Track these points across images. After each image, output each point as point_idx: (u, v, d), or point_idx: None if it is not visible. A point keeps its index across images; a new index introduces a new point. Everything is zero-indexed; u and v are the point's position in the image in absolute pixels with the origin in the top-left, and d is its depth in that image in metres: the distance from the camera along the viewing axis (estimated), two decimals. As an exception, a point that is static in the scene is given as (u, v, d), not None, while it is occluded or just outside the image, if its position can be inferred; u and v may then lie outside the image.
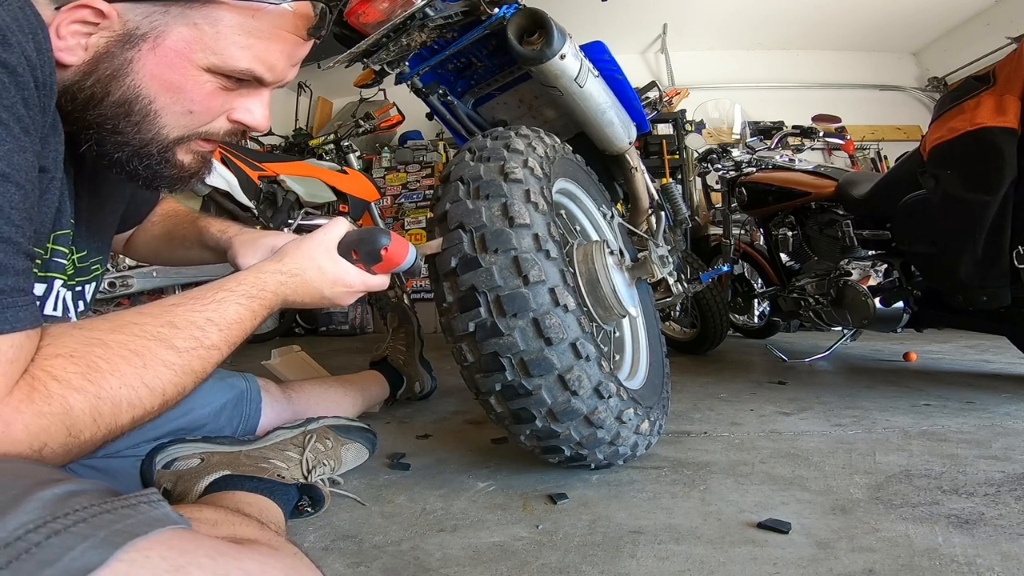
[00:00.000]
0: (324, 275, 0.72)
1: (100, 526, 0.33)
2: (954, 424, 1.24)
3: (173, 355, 0.51)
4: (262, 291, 0.64)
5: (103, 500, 0.35)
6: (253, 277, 0.65)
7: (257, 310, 0.63)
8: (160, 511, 0.37)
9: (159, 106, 0.57)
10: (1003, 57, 1.34)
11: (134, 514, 0.35)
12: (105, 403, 0.46)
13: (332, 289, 0.73)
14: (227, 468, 0.80)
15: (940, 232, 1.44)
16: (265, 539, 0.50)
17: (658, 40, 4.66)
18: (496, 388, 0.86)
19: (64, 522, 0.32)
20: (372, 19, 1.21)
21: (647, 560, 0.69)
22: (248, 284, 0.64)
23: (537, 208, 0.86)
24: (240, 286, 0.62)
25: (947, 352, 2.36)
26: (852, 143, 2.77)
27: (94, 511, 0.34)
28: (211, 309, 0.57)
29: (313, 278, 0.71)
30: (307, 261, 0.71)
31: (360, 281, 0.76)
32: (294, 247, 0.72)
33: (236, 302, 0.60)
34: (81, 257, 0.71)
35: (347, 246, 0.75)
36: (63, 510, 0.33)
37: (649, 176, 1.80)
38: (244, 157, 2.09)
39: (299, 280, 0.70)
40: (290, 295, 0.69)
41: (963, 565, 0.64)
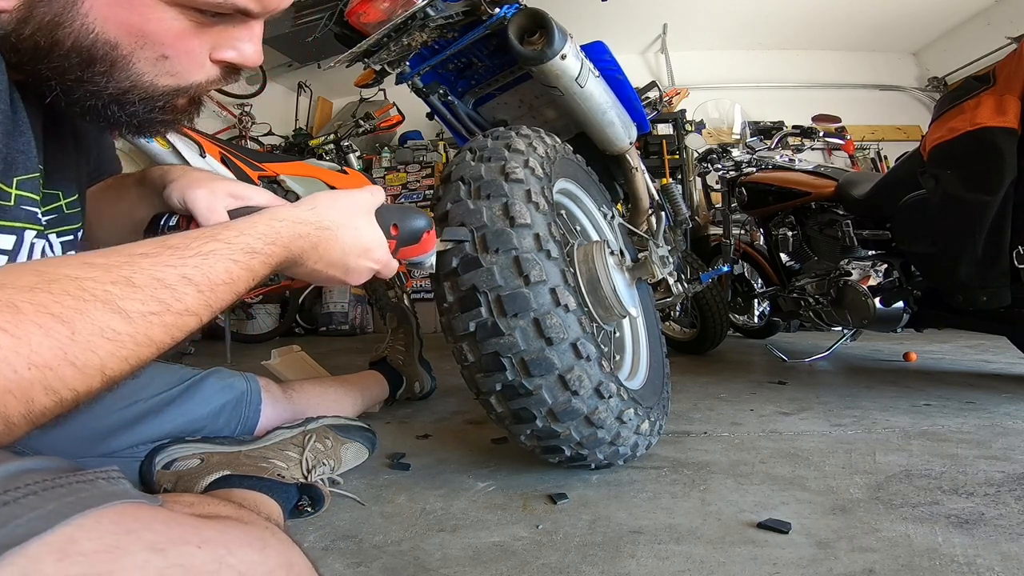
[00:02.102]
0: (358, 239, 0.61)
1: (51, 498, 0.32)
2: (954, 424, 1.24)
3: (120, 322, 0.39)
4: (271, 244, 0.52)
5: (58, 475, 0.34)
6: (265, 224, 0.53)
7: (257, 269, 0.50)
8: (118, 487, 0.36)
9: (126, 52, 0.49)
10: (1003, 57, 1.34)
11: (90, 488, 0.34)
12: (10, 385, 0.34)
13: (358, 259, 0.62)
14: (227, 468, 0.80)
15: (940, 232, 1.44)
16: (236, 515, 0.48)
17: (658, 40, 4.66)
18: (496, 388, 0.86)
19: (14, 495, 0.31)
20: (373, 19, 1.21)
21: (647, 560, 0.69)
22: (254, 234, 0.51)
23: (538, 208, 0.86)
24: (242, 236, 0.50)
25: (947, 352, 2.36)
26: (852, 143, 2.77)
27: (46, 484, 0.33)
28: (192, 264, 0.45)
29: (345, 239, 0.60)
30: (346, 217, 0.60)
31: (386, 260, 0.66)
32: (331, 196, 0.61)
33: (231, 258, 0.48)
34: (69, 203, 0.64)
35: (388, 217, 0.66)
36: (14, 484, 0.32)
37: (649, 176, 1.80)
38: (244, 157, 2.09)
39: (328, 236, 0.58)
40: (307, 251, 0.57)
41: (963, 565, 0.64)
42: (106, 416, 0.80)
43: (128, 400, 0.82)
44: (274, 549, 0.41)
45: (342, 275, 0.63)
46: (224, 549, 0.37)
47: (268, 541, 0.42)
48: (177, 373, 0.91)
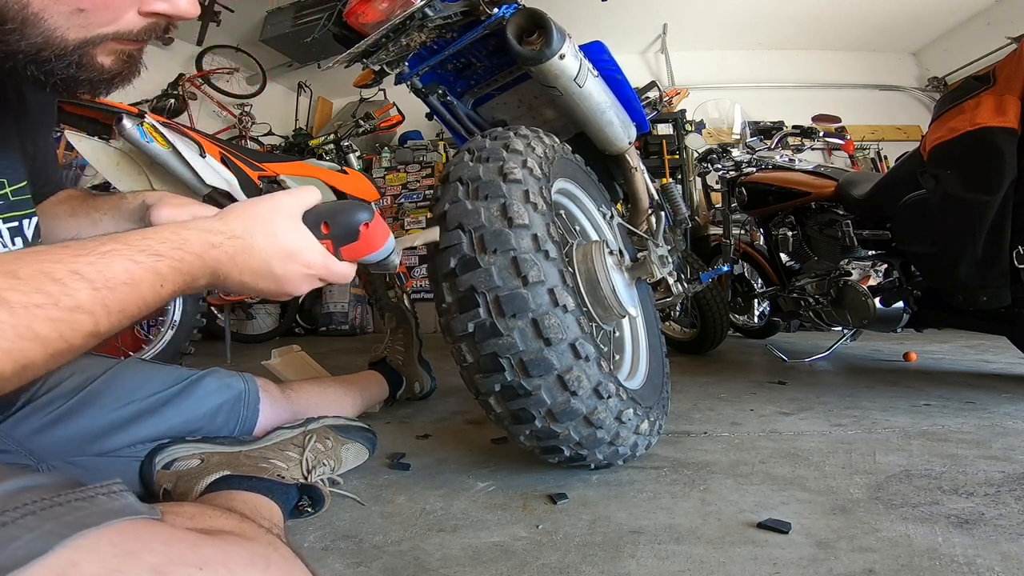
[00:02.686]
0: (277, 244, 0.56)
1: (49, 518, 0.32)
2: (954, 424, 1.24)
3: None
4: (178, 249, 0.49)
5: (57, 493, 0.34)
6: (170, 232, 0.51)
7: (165, 274, 0.48)
8: (119, 502, 0.36)
9: (37, 8, 0.47)
10: (1003, 57, 1.34)
11: (88, 506, 0.34)
12: None
13: (285, 265, 0.57)
14: (227, 468, 0.80)
15: (940, 232, 1.43)
16: (240, 530, 0.48)
17: (658, 40, 4.66)
18: (495, 388, 0.86)
19: (12, 515, 0.31)
20: (371, 19, 1.21)
21: (647, 560, 0.69)
22: (158, 239, 0.49)
23: (536, 208, 0.86)
24: (145, 240, 0.48)
25: (947, 352, 2.36)
26: (852, 143, 2.77)
27: (44, 504, 0.33)
28: (85, 261, 0.43)
29: (262, 245, 0.56)
30: (258, 223, 0.56)
31: (323, 263, 0.60)
32: (244, 205, 0.58)
33: (130, 258, 0.46)
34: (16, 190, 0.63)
35: (317, 216, 0.61)
36: (13, 504, 0.32)
37: (649, 176, 1.80)
38: (244, 157, 2.09)
39: (241, 245, 0.54)
40: (224, 263, 0.53)
41: (963, 565, 0.64)
42: (102, 416, 0.80)
43: (125, 400, 0.82)
44: (277, 568, 0.42)
45: (275, 285, 0.58)
46: (225, 569, 0.37)
47: (271, 558, 0.42)
48: (174, 373, 0.91)
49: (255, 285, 0.57)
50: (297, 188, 0.61)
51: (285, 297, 0.60)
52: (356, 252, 0.63)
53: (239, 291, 0.59)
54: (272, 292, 0.59)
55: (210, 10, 3.89)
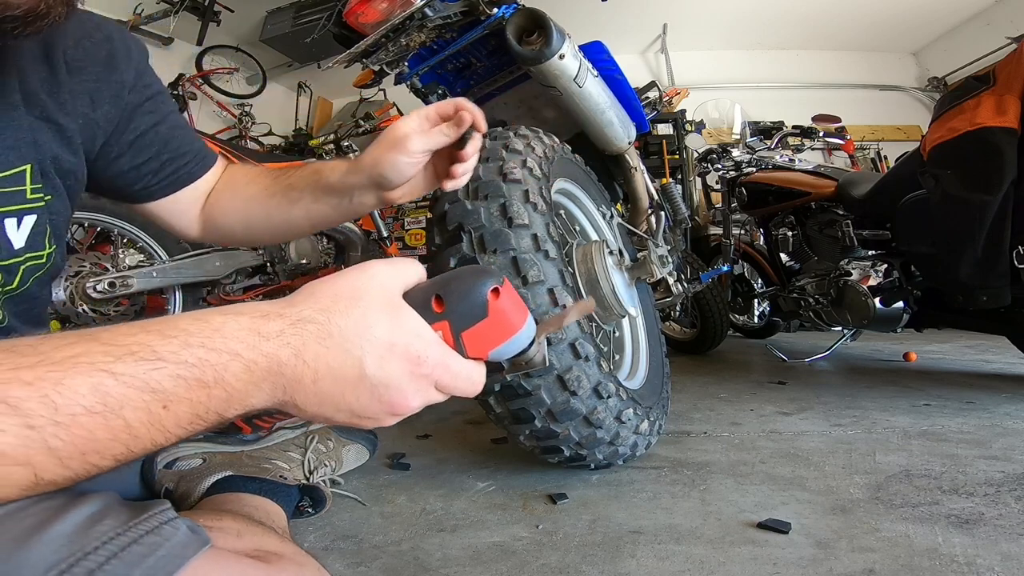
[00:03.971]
0: (371, 331, 0.37)
1: (133, 563, 0.31)
2: (954, 424, 1.24)
3: None
4: (200, 347, 0.33)
5: (125, 525, 0.33)
6: (192, 319, 0.35)
7: (169, 391, 0.32)
8: (182, 532, 0.35)
9: None
10: (1003, 57, 1.34)
11: (161, 540, 0.34)
12: None
13: (384, 363, 0.37)
14: (229, 468, 0.80)
15: (940, 232, 1.43)
16: (290, 553, 0.48)
17: (658, 40, 4.66)
18: (495, 388, 0.86)
19: (96, 558, 0.30)
20: (371, 19, 1.21)
21: (647, 560, 0.69)
22: (163, 330, 0.33)
23: (536, 208, 0.86)
24: (138, 335, 0.33)
25: (947, 352, 2.36)
26: (852, 143, 2.77)
27: (121, 542, 0.32)
28: (22, 380, 0.29)
29: (347, 332, 0.37)
30: (341, 302, 0.38)
31: (441, 358, 0.39)
32: (317, 284, 0.40)
33: (104, 368, 0.31)
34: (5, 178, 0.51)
35: (424, 292, 0.41)
36: (90, 543, 0.31)
37: (649, 176, 1.80)
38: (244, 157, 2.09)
39: (314, 331, 0.36)
40: (289, 363, 0.35)
41: (963, 565, 0.64)
42: None
43: None
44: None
45: (369, 398, 0.38)
46: None
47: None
48: None
49: (340, 399, 0.37)
50: (394, 259, 0.43)
51: (389, 421, 0.40)
52: (485, 339, 0.41)
53: (317, 412, 0.38)
54: (367, 410, 0.39)
55: (210, 10, 3.90)
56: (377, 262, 0.42)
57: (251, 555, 0.42)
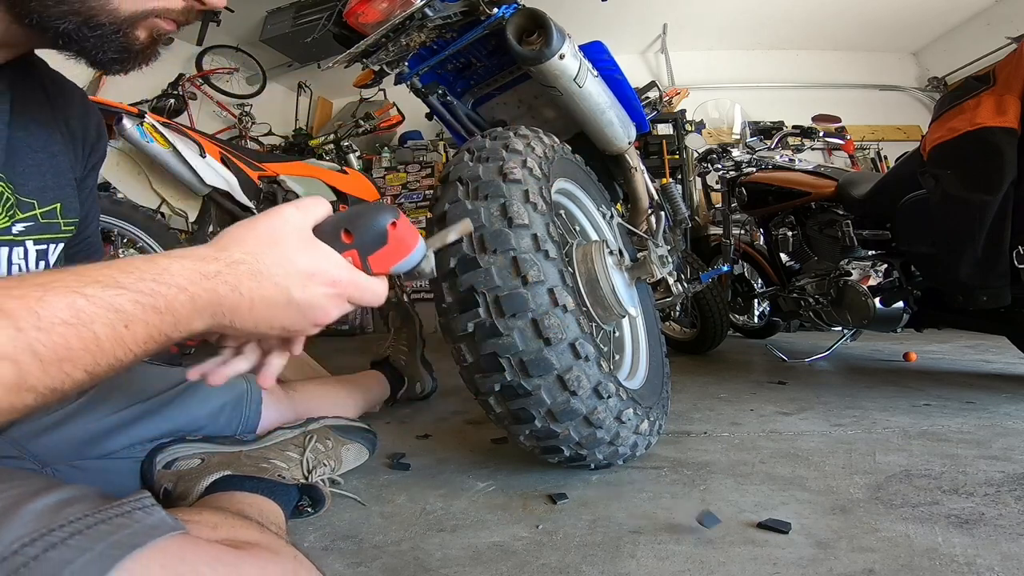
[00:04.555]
0: (292, 265, 0.47)
1: (97, 538, 0.32)
2: (954, 424, 1.24)
3: None
4: (152, 281, 0.40)
5: (96, 508, 0.35)
6: (144, 260, 0.42)
7: (130, 312, 0.39)
8: (155, 517, 0.36)
9: None
10: (1003, 57, 1.34)
11: (129, 523, 0.35)
12: None
13: (306, 289, 0.47)
14: (228, 468, 0.80)
15: (940, 232, 1.43)
16: (265, 542, 0.49)
17: (658, 40, 4.66)
18: (495, 388, 0.86)
19: (60, 534, 0.32)
20: (371, 19, 1.21)
21: (647, 560, 0.69)
22: (124, 268, 0.40)
23: (536, 208, 0.86)
24: (103, 270, 0.40)
25: (947, 352, 2.36)
26: (852, 143, 2.77)
27: (89, 521, 0.33)
28: (11, 295, 0.35)
29: (273, 269, 0.46)
30: (263, 244, 0.46)
31: (350, 278, 0.50)
32: (239, 227, 0.48)
33: (77, 291, 0.37)
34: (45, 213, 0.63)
35: (334, 225, 0.51)
36: (57, 521, 0.32)
37: (649, 176, 1.80)
38: (244, 157, 2.09)
39: (247, 270, 0.45)
40: (228, 297, 0.44)
41: (963, 565, 0.64)
42: (105, 418, 0.80)
43: (127, 402, 0.82)
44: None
45: (298, 315, 0.48)
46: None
47: (299, 574, 0.43)
48: (176, 374, 0.91)
49: (272, 319, 0.47)
50: (302, 200, 0.52)
51: (313, 330, 0.50)
52: (386, 260, 0.53)
53: (254, 331, 0.47)
54: (295, 325, 0.49)
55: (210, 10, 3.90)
56: (286, 206, 0.50)
57: (224, 543, 0.42)
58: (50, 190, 0.65)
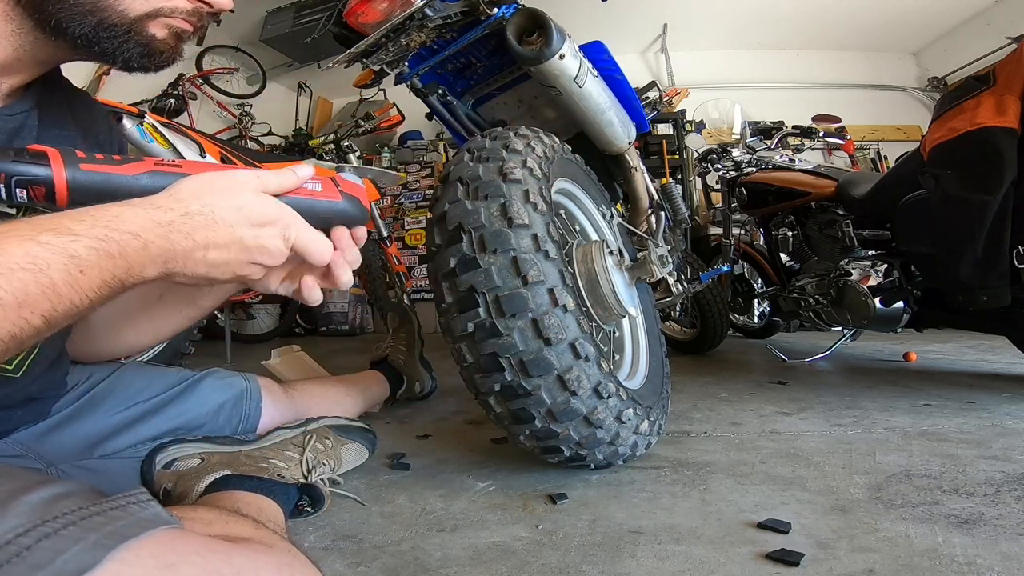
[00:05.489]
0: (243, 213, 0.48)
1: (91, 528, 0.33)
2: (954, 424, 1.24)
3: None
4: (104, 227, 0.42)
5: (91, 502, 0.35)
6: (97, 209, 0.43)
7: (84, 257, 0.40)
8: (149, 511, 0.37)
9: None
10: (1003, 57, 1.34)
11: (123, 515, 0.35)
12: None
13: (256, 232, 0.49)
14: (227, 468, 0.80)
15: (940, 232, 1.43)
16: (259, 537, 0.49)
17: (658, 40, 4.66)
18: (495, 388, 0.86)
19: (54, 525, 0.32)
20: (371, 19, 1.21)
21: (647, 560, 0.69)
22: (77, 217, 0.42)
23: (536, 208, 0.86)
24: (57, 219, 0.41)
25: (947, 352, 2.36)
26: (852, 143, 2.77)
27: (83, 513, 0.34)
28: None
29: (227, 216, 0.48)
30: (219, 196, 0.48)
31: (292, 220, 0.52)
32: (195, 179, 0.50)
33: (32, 238, 0.38)
34: None
35: None
36: (51, 513, 0.33)
37: (649, 176, 1.80)
38: (244, 157, 2.09)
39: (202, 221, 0.47)
40: (181, 244, 0.45)
41: (963, 565, 0.64)
42: (106, 418, 0.80)
43: (128, 402, 0.83)
44: (300, 574, 0.44)
45: (245, 254, 0.49)
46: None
47: (294, 566, 0.43)
48: (176, 374, 0.91)
49: (223, 262, 0.49)
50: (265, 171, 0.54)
51: (260, 269, 0.52)
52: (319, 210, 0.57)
53: (206, 275, 0.49)
54: (242, 265, 0.50)
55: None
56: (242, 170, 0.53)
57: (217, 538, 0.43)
58: None
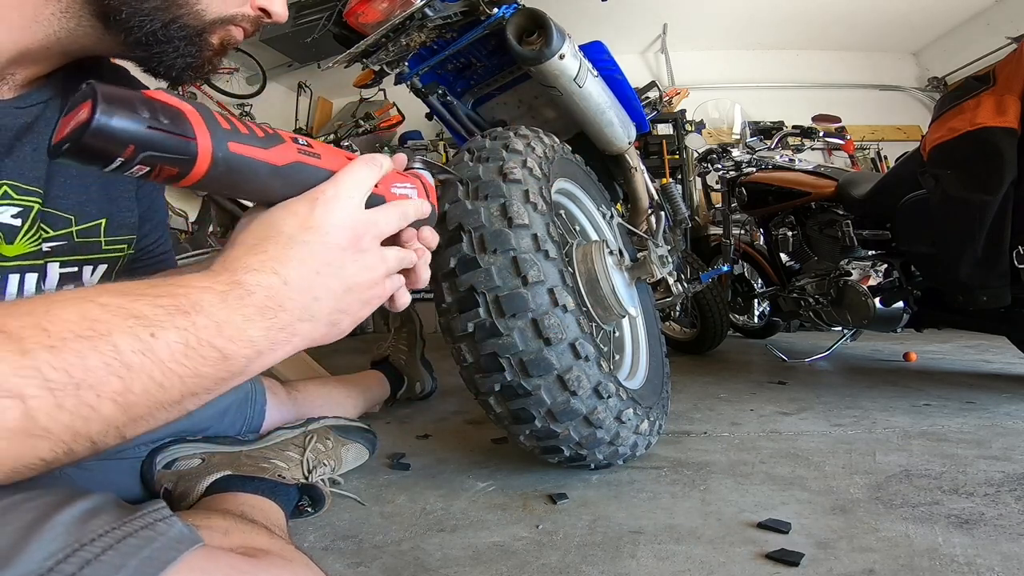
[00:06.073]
0: (354, 295, 0.43)
1: (129, 554, 0.32)
2: (954, 424, 1.24)
3: None
4: (174, 287, 0.35)
5: (120, 520, 0.34)
6: (165, 279, 0.36)
7: (156, 319, 0.33)
8: (176, 529, 0.36)
9: None
10: (1003, 57, 1.34)
11: (154, 535, 0.35)
12: None
13: (368, 297, 0.44)
14: (228, 468, 0.80)
15: (940, 232, 1.43)
16: (277, 549, 0.49)
17: (658, 40, 4.66)
18: (495, 388, 0.86)
19: (92, 550, 0.31)
20: (371, 19, 1.21)
21: (647, 560, 0.69)
22: (141, 285, 0.35)
23: (536, 208, 0.86)
24: (121, 287, 0.35)
25: (947, 352, 2.36)
26: (852, 143, 2.77)
27: (117, 535, 0.33)
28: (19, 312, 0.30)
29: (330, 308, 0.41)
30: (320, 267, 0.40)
31: (394, 260, 0.47)
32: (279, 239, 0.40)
33: (94, 300, 0.32)
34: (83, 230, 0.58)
35: None
36: (87, 534, 0.32)
37: (649, 176, 1.80)
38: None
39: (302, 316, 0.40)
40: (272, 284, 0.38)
41: (963, 565, 0.64)
42: None
43: None
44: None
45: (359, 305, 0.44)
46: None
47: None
48: None
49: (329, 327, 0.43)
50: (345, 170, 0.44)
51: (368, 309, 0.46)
52: None
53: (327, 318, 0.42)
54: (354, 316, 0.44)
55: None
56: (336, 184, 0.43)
57: (238, 551, 0.43)
58: (93, 203, 0.59)
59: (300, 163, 0.42)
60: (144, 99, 0.34)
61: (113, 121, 0.32)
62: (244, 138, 0.38)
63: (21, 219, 0.54)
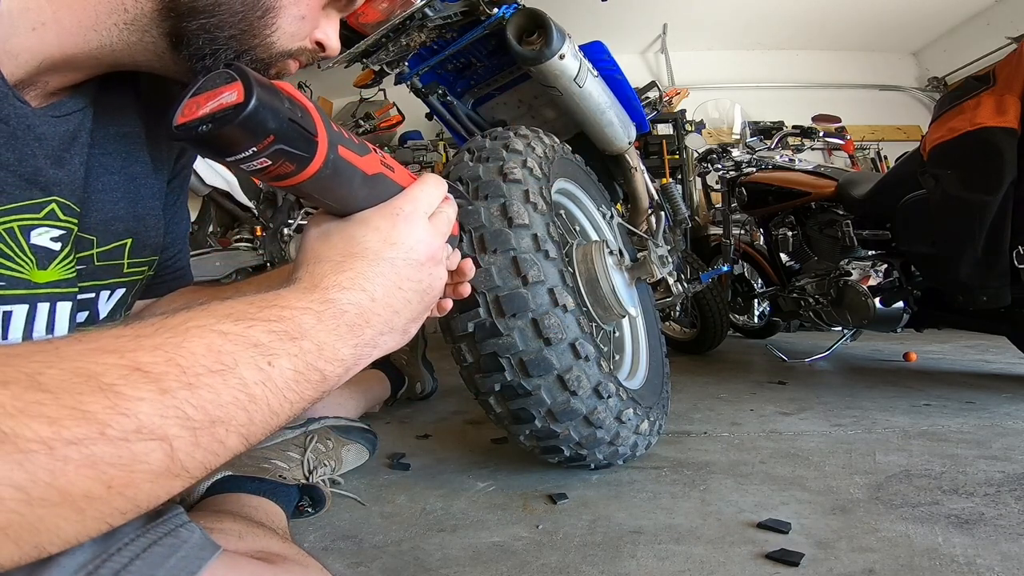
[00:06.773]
0: (425, 300, 0.45)
1: (155, 564, 0.33)
2: (954, 424, 1.24)
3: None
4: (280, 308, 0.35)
5: (144, 527, 0.35)
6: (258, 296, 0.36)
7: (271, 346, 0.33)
8: (196, 536, 0.37)
9: (284, 2, 0.48)
10: (1003, 57, 1.34)
11: (178, 543, 0.35)
12: None
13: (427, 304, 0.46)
14: (228, 468, 0.80)
15: (940, 232, 1.43)
16: (292, 555, 0.49)
17: (658, 40, 4.66)
18: (495, 388, 0.86)
19: (120, 559, 0.32)
20: (371, 19, 1.21)
21: (647, 560, 0.69)
22: (254, 303, 0.34)
23: (536, 208, 0.86)
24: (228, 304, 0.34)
25: (947, 352, 2.36)
26: (852, 143, 2.77)
27: (142, 543, 0.33)
28: (149, 345, 0.28)
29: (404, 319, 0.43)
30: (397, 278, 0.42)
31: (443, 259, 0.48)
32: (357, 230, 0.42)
33: (214, 328, 0.31)
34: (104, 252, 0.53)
35: None
36: (114, 544, 0.32)
37: (649, 176, 1.80)
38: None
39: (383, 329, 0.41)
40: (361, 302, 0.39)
41: (963, 565, 0.64)
42: None
43: None
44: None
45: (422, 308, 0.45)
46: None
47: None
48: None
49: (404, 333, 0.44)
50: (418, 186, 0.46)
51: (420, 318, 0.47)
52: None
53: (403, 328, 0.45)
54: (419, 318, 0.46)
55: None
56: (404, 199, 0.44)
57: (255, 556, 0.43)
58: (120, 222, 0.55)
59: (383, 175, 0.42)
60: (280, 90, 0.33)
61: (265, 108, 0.30)
62: (349, 143, 0.38)
63: (61, 243, 0.48)
